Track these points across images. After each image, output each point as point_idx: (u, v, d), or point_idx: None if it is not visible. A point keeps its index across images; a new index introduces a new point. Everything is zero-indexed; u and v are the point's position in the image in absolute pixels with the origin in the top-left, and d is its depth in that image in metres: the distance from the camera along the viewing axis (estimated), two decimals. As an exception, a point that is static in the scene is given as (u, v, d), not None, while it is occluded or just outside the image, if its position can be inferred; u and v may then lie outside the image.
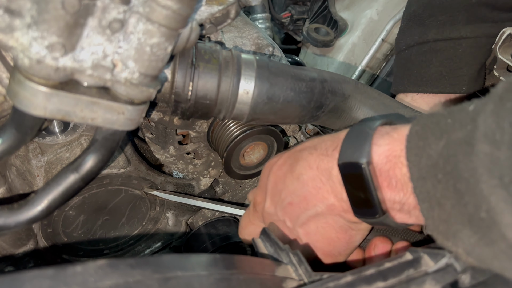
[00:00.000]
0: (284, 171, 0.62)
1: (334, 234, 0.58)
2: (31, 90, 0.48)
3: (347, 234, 0.59)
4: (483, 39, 0.88)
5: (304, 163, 0.58)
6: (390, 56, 1.36)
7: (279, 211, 0.62)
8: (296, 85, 0.67)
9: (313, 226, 0.59)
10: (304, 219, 0.59)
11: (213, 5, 0.68)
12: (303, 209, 0.58)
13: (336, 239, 0.59)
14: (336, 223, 0.57)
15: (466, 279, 0.45)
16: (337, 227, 0.58)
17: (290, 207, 0.60)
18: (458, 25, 0.88)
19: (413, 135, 0.46)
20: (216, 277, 0.44)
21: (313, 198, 0.57)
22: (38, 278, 0.38)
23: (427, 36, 0.91)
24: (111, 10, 0.48)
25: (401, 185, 0.48)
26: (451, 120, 0.43)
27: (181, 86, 0.62)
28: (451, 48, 0.89)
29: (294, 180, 0.59)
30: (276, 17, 1.49)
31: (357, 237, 0.60)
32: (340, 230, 0.58)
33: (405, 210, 0.50)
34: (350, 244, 0.60)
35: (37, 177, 0.75)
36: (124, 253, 0.93)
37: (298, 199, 0.59)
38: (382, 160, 0.49)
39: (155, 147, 0.84)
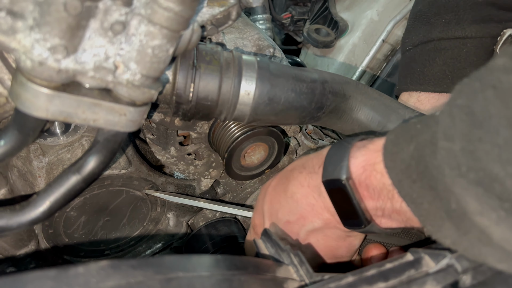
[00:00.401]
0: (278, 192, 0.65)
1: (334, 243, 0.61)
2: (33, 91, 0.48)
3: (346, 241, 0.62)
4: (488, 40, 0.88)
5: (296, 182, 0.62)
6: (391, 57, 1.36)
7: (278, 230, 0.64)
8: (297, 86, 0.67)
9: (313, 240, 0.61)
10: (303, 235, 0.61)
11: (214, 6, 0.68)
12: (301, 225, 0.61)
13: (337, 246, 0.62)
14: (334, 234, 0.60)
15: (467, 279, 0.45)
16: (336, 237, 0.61)
17: (288, 225, 0.62)
18: (464, 24, 0.88)
19: (388, 144, 0.49)
20: (218, 278, 0.44)
21: (308, 215, 0.60)
22: (41, 279, 0.38)
23: (432, 35, 0.90)
24: (113, 12, 0.48)
25: (378, 192, 0.51)
26: (420, 125, 0.46)
27: (183, 87, 0.62)
28: (455, 48, 0.89)
29: (288, 199, 0.62)
30: (277, 18, 1.49)
31: (356, 241, 0.63)
32: (339, 239, 0.61)
33: (386, 215, 0.52)
34: (351, 248, 0.63)
35: (39, 178, 0.76)
36: (125, 253, 0.93)
37: (295, 217, 0.61)
38: (359, 170, 0.52)
39: (156, 148, 0.84)
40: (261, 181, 0.95)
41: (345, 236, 0.61)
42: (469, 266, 0.46)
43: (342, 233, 0.60)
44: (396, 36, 1.35)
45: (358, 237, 0.63)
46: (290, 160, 0.95)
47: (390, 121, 0.71)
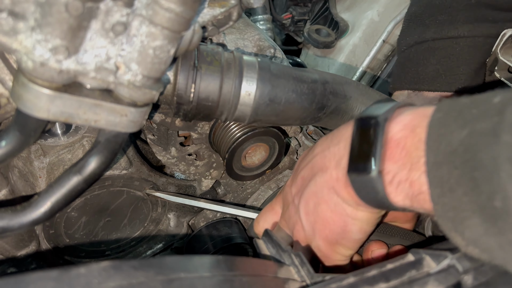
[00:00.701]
0: (309, 149, 0.64)
1: (329, 214, 0.56)
2: (34, 92, 0.48)
3: (342, 218, 0.56)
4: (482, 39, 0.88)
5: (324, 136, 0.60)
6: (391, 57, 1.36)
7: (292, 187, 0.62)
8: (297, 87, 0.67)
9: (311, 204, 0.58)
10: (306, 194, 0.59)
11: (215, 7, 0.68)
12: (307, 181, 0.58)
13: (331, 221, 0.57)
14: (330, 200, 0.56)
15: (468, 280, 0.45)
16: (332, 206, 0.56)
17: (300, 181, 0.60)
18: (457, 24, 0.88)
19: (434, 122, 0.46)
20: (219, 279, 0.44)
21: (316, 167, 0.57)
22: (42, 279, 0.38)
23: (426, 35, 0.91)
24: (114, 13, 0.48)
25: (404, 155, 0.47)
26: (476, 111, 0.43)
27: (183, 88, 0.62)
28: (448, 47, 0.89)
29: (310, 153, 0.61)
30: (277, 19, 1.49)
31: (353, 227, 0.56)
32: (335, 210, 0.56)
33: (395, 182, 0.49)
34: (346, 232, 0.57)
35: (39, 179, 0.76)
36: (126, 254, 0.93)
37: (305, 171, 0.59)
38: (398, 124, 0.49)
39: (157, 148, 0.84)
40: (262, 181, 0.95)
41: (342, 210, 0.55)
42: (470, 266, 0.46)
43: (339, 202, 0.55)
44: (397, 37, 1.34)
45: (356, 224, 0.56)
46: (290, 160, 0.95)
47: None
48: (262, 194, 0.95)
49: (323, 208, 0.57)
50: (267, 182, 0.96)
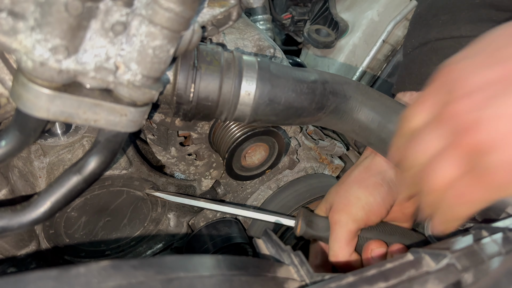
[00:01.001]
0: None
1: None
2: (34, 92, 0.48)
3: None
4: None
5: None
6: (391, 57, 1.36)
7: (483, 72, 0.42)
8: (297, 87, 0.67)
9: None
10: None
11: (215, 7, 0.68)
12: None
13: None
14: None
15: (468, 278, 0.45)
16: None
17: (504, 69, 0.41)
18: (460, 24, 0.86)
19: None
20: (219, 278, 0.45)
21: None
22: (42, 279, 0.38)
23: (429, 36, 0.90)
24: (113, 12, 0.48)
25: None
26: None
27: (183, 87, 0.62)
28: (451, 47, 0.87)
29: None
30: (277, 19, 1.50)
31: None
32: None
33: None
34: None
35: (39, 179, 0.76)
36: (126, 254, 0.93)
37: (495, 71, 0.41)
38: None
39: (157, 148, 0.84)
40: (262, 181, 0.95)
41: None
42: (469, 265, 0.46)
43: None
44: (397, 37, 1.35)
45: None
46: (290, 160, 0.95)
47: (391, 121, 0.71)
48: (262, 194, 0.95)
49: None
50: (267, 182, 0.96)
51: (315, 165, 0.99)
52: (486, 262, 0.47)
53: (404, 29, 1.35)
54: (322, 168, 1.01)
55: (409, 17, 1.34)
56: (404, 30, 1.35)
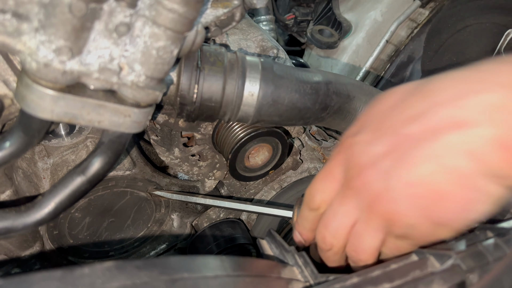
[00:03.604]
0: (403, 94, 0.46)
1: (451, 189, 0.41)
2: (38, 93, 0.48)
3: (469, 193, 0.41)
4: (488, 24, 0.95)
5: (445, 80, 0.44)
6: (395, 58, 1.36)
7: (377, 145, 0.44)
8: (301, 87, 0.67)
9: (423, 171, 0.42)
10: (414, 158, 0.42)
11: (218, 8, 0.68)
12: (419, 142, 0.42)
13: (451, 196, 0.41)
14: (462, 170, 0.40)
15: (474, 278, 0.45)
16: (461, 178, 0.41)
17: (397, 139, 0.43)
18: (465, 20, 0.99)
19: None
20: (223, 279, 0.44)
21: (443, 123, 0.41)
22: (46, 279, 0.38)
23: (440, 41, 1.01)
24: (117, 13, 0.48)
25: None
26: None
27: (187, 88, 0.62)
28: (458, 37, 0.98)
29: (419, 100, 0.43)
30: (280, 19, 1.50)
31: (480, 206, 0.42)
32: (463, 184, 0.41)
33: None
34: (466, 213, 0.42)
35: (43, 179, 0.76)
36: (129, 255, 0.93)
37: (416, 127, 0.42)
38: None
39: (160, 149, 0.84)
40: (265, 182, 0.95)
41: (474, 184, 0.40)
42: (474, 265, 0.46)
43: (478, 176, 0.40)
44: (400, 37, 1.34)
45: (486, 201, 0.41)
46: (294, 161, 0.95)
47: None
48: (265, 194, 0.95)
49: (443, 178, 0.41)
50: (270, 182, 0.95)
51: (318, 166, 0.99)
52: (491, 263, 0.46)
53: (407, 29, 1.35)
54: (325, 168, 1.01)
55: (412, 17, 1.34)
56: (408, 30, 1.34)
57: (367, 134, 0.46)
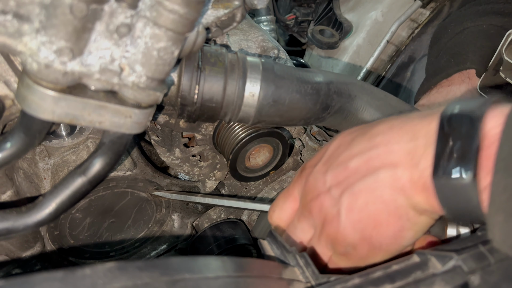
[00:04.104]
0: (354, 135, 0.54)
1: (385, 217, 0.49)
2: (39, 94, 0.48)
3: (400, 222, 0.48)
4: (486, 26, 0.98)
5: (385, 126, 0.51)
6: (395, 58, 1.36)
7: (329, 175, 0.53)
8: (301, 87, 0.67)
9: (363, 200, 0.50)
10: (356, 189, 0.50)
11: (219, 8, 0.68)
12: (361, 175, 0.50)
13: (385, 223, 0.49)
14: (393, 203, 0.48)
15: (475, 280, 0.45)
16: (392, 208, 0.48)
17: (344, 172, 0.52)
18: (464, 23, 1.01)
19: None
20: (224, 280, 0.44)
21: (377, 161, 0.49)
22: (48, 280, 0.38)
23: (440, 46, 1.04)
24: (118, 14, 0.48)
25: None
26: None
27: (187, 89, 0.62)
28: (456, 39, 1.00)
29: (363, 141, 0.52)
30: (281, 19, 1.49)
31: (409, 233, 0.49)
32: (394, 214, 0.48)
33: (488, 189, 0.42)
34: (398, 238, 0.50)
35: (44, 180, 0.76)
36: (130, 255, 0.93)
37: (358, 162, 0.51)
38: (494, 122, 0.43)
39: (161, 149, 0.84)
40: (266, 182, 0.95)
41: (404, 214, 0.48)
42: (476, 266, 0.46)
43: (404, 206, 0.47)
44: (401, 37, 1.34)
45: (413, 229, 0.49)
46: (294, 161, 0.95)
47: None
48: (266, 195, 0.95)
49: (378, 208, 0.49)
50: (271, 183, 0.95)
51: (319, 166, 0.99)
52: (492, 265, 0.46)
53: (408, 30, 1.35)
54: (326, 169, 1.01)
55: (413, 17, 1.34)
56: (408, 30, 1.34)
57: (323, 166, 0.55)
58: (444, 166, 0.43)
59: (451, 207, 0.44)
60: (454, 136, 0.43)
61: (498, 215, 0.40)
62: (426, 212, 0.48)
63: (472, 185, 0.41)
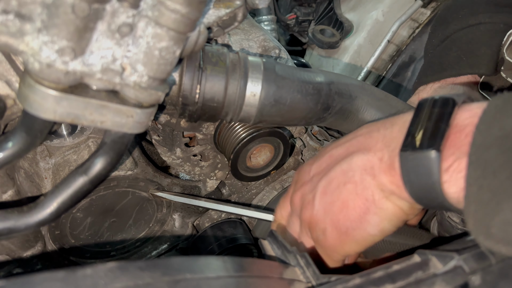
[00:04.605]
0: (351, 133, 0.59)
1: (352, 197, 0.51)
2: (41, 93, 0.48)
3: (366, 204, 0.50)
4: (502, 25, 0.89)
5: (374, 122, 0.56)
6: (396, 57, 1.36)
7: (314, 165, 0.58)
8: (303, 87, 0.67)
9: (335, 182, 0.53)
10: (332, 173, 0.54)
11: (221, 8, 0.68)
12: (338, 159, 0.54)
13: (352, 204, 0.51)
14: (361, 182, 0.51)
15: (476, 280, 0.45)
16: (360, 189, 0.51)
17: (328, 160, 0.57)
18: (478, 15, 0.91)
19: (491, 107, 0.44)
20: (225, 280, 0.45)
21: (355, 146, 0.53)
22: (49, 280, 0.38)
23: (448, 30, 0.94)
24: (120, 14, 0.48)
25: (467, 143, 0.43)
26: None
27: (189, 89, 0.62)
28: (469, 34, 0.91)
29: (351, 134, 0.57)
30: (282, 19, 1.49)
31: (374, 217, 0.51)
32: (361, 195, 0.51)
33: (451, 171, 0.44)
34: (363, 222, 0.51)
35: (45, 180, 0.76)
36: (131, 255, 0.93)
37: (341, 150, 0.55)
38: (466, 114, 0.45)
39: (162, 149, 0.84)
40: (267, 182, 0.95)
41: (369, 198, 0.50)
42: (477, 267, 0.46)
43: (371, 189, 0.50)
44: (402, 37, 1.34)
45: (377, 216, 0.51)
46: (295, 161, 0.95)
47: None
48: (267, 194, 0.95)
49: (348, 188, 0.52)
50: (272, 182, 0.95)
51: (320, 166, 0.99)
52: (493, 265, 0.46)
53: (409, 29, 1.35)
54: (327, 168, 1.01)
55: (414, 17, 1.34)
56: (409, 30, 1.34)
57: (313, 159, 0.60)
58: (411, 143, 0.46)
59: (413, 184, 0.46)
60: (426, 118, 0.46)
61: (471, 205, 0.41)
62: (392, 197, 0.49)
63: (434, 161, 0.43)
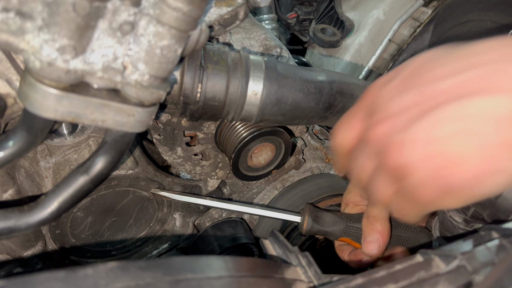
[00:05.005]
0: (446, 50, 0.45)
1: (472, 153, 0.40)
2: (42, 92, 0.48)
3: (486, 164, 0.40)
4: (489, 23, 0.93)
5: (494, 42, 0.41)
6: (397, 56, 1.36)
7: (406, 95, 0.43)
8: (304, 86, 0.67)
9: (445, 130, 0.41)
10: (439, 115, 0.41)
11: (222, 6, 0.68)
12: (449, 99, 0.40)
13: (467, 163, 0.40)
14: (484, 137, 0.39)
15: (479, 279, 0.45)
16: (481, 145, 0.39)
17: (428, 93, 0.42)
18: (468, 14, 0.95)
19: None
20: (226, 280, 0.44)
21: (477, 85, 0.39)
22: (50, 280, 0.38)
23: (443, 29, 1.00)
24: (121, 12, 0.48)
25: None
26: None
27: (190, 87, 0.62)
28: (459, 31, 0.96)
29: (462, 58, 0.42)
30: (282, 18, 1.49)
31: (495, 179, 0.40)
32: (482, 152, 0.39)
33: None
34: (479, 184, 0.41)
35: (46, 179, 0.76)
36: (132, 254, 0.93)
37: (451, 83, 0.41)
38: None
39: (163, 148, 0.84)
40: (268, 181, 0.95)
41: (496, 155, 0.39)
42: (479, 266, 0.46)
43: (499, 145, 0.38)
44: (403, 36, 1.34)
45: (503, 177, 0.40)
46: (296, 160, 0.94)
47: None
48: (268, 194, 0.95)
49: (467, 142, 0.40)
50: (273, 182, 0.95)
51: (321, 165, 0.99)
52: (496, 264, 0.46)
53: (410, 28, 1.34)
54: (328, 168, 1.00)
55: (415, 16, 1.33)
56: (410, 29, 1.34)
57: (401, 83, 0.45)
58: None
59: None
60: None
61: None
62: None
63: None
